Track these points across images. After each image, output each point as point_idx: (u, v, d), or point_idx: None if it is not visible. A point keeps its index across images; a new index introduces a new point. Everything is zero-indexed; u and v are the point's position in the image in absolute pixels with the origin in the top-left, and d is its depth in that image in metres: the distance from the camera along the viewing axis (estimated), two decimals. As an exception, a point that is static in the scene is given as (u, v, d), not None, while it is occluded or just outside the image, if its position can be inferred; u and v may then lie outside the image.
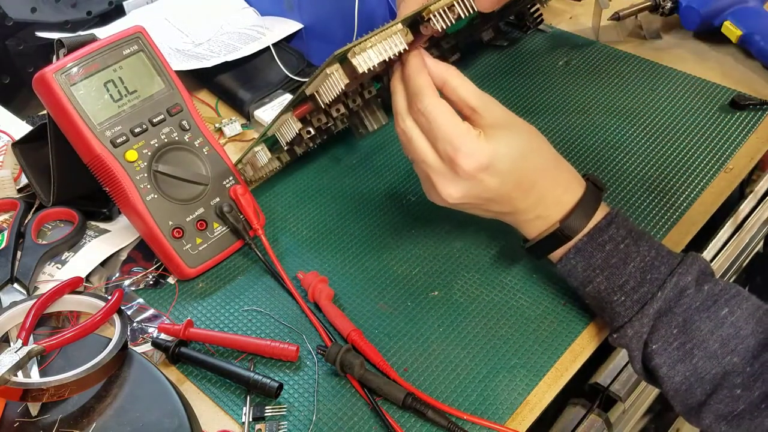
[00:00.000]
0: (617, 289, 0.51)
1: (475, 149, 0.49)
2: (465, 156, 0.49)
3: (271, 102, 0.78)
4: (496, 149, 0.50)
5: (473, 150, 0.49)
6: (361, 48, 0.49)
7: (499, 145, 0.50)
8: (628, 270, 0.51)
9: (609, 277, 0.51)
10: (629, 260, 0.51)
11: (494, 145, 0.50)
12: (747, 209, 0.73)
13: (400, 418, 0.51)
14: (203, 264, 0.62)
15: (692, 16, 0.85)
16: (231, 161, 0.65)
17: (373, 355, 0.54)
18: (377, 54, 0.49)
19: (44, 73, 0.57)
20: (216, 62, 0.80)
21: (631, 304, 0.50)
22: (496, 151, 0.50)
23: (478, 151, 0.49)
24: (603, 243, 0.51)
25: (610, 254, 0.51)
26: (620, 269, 0.51)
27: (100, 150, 0.58)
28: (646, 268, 0.51)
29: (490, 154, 0.49)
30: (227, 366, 0.54)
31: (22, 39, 0.84)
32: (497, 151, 0.50)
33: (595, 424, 0.61)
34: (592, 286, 0.52)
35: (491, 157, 0.49)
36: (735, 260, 0.72)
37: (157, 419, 0.49)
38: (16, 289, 0.59)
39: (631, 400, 0.64)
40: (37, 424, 0.49)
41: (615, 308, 0.51)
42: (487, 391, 0.52)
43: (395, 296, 0.60)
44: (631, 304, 0.50)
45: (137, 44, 0.61)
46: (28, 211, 0.67)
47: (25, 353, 0.49)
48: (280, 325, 0.58)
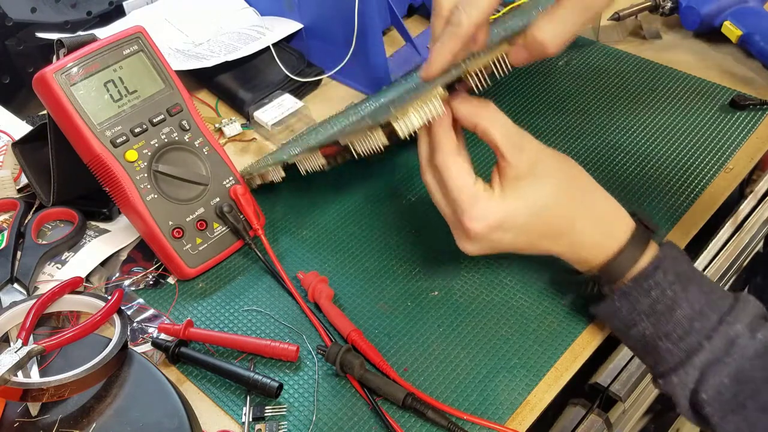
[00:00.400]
0: (663, 337, 0.48)
1: (483, 211, 0.48)
2: (472, 219, 0.49)
3: (271, 102, 0.78)
4: (509, 207, 0.48)
5: (481, 212, 0.48)
6: (403, 113, 0.48)
7: (516, 201, 0.49)
8: (675, 317, 0.48)
9: (655, 323, 0.48)
10: (676, 307, 0.48)
11: (509, 202, 0.48)
12: (747, 209, 0.73)
13: (400, 418, 0.51)
14: (203, 264, 0.62)
15: (692, 16, 0.85)
16: (231, 161, 0.65)
17: (373, 355, 0.54)
18: (418, 118, 0.48)
19: (44, 73, 0.57)
20: (216, 62, 0.80)
21: (677, 353, 0.48)
22: (508, 209, 0.48)
23: (487, 211, 0.48)
24: (648, 288, 0.49)
25: (656, 300, 0.48)
26: (666, 316, 0.48)
27: (100, 150, 0.58)
28: (695, 316, 0.48)
29: (501, 215, 0.48)
30: (227, 366, 0.54)
31: (22, 39, 0.84)
32: (510, 208, 0.48)
33: (595, 424, 0.61)
34: (636, 330, 0.50)
35: (502, 217, 0.48)
36: (735, 260, 0.72)
37: (157, 419, 0.49)
38: (16, 289, 0.59)
39: (631, 400, 0.64)
40: (37, 424, 0.49)
41: (660, 354, 0.49)
42: (487, 391, 0.52)
43: (395, 296, 0.60)
44: (678, 353, 0.48)
45: (137, 44, 0.61)
46: (28, 211, 0.67)
47: (25, 353, 0.49)
48: (280, 325, 0.58)
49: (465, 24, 0.47)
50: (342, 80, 0.85)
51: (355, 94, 0.83)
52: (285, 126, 0.77)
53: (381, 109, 0.51)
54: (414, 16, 0.95)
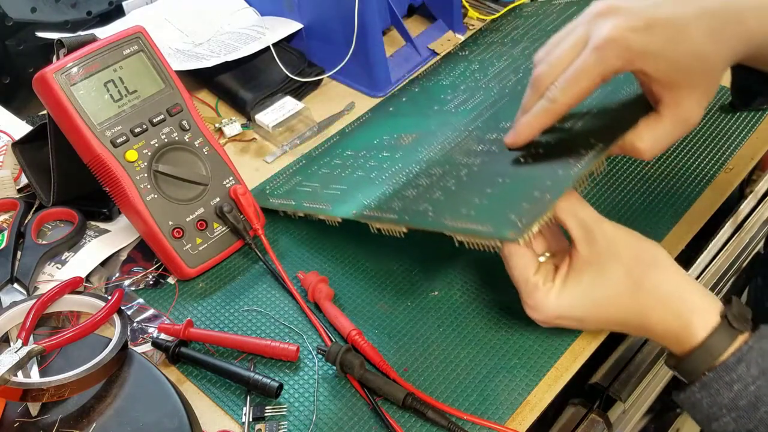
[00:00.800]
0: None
1: (540, 305, 0.49)
2: (530, 308, 0.50)
3: (273, 105, 0.78)
4: (565, 303, 0.49)
5: (538, 305, 0.50)
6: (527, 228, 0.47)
7: (574, 295, 0.49)
8: (759, 415, 0.45)
9: (737, 419, 0.46)
10: (760, 404, 0.45)
11: (566, 297, 0.49)
12: (747, 209, 0.73)
13: (400, 418, 0.51)
14: (203, 264, 0.62)
15: (692, 16, 0.84)
16: (231, 161, 0.65)
17: (373, 355, 0.54)
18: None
19: (44, 73, 0.57)
20: (216, 62, 0.80)
21: None
22: (563, 305, 0.49)
23: (544, 306, 0.49)
24: (731, 382, 0.45)
25: (738, 395, 0.45)
26: (750, 413, 0.45)
27: (100, 150, 0.58)
28: None
29: (557, 311, 0.49)
30: (227, 366, 0.54)
31: (22, 39, 0.84)
32: (566, 304, 0.49)
33: (595, 424, 0.61)
34: (717, 424, 0.47)
35: (559, 312, 0.49)
36: (735, 260, 0.72)
37: (157, 419, 0.49)
38: (16, 289, 0.59)
39: (631, 400, 0.64)
40: (37, 424, 0.49)
41: None
42: (487, 391, 0.52)
43: (395, 296, 0.60)
44: None
45: (137, 44, 0.61)
46: (28, 211, 0.67)
47: (25, 353, 0.49)
48: (280, 325, 0.58)
49: (560, 102, 0.48)
50: (342, 80, 0.85)
51: (355, 94, 0.83)
52: (286, 127, 0.77)
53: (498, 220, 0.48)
54: (414, 16, 0.95)
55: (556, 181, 0.48)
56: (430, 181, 0.56)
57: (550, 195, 0.47)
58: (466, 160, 0.57)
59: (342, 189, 0.62)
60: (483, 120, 0.63)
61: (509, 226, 0.46)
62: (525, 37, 0.80)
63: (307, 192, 0.65)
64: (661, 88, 0.47)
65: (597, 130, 0.52)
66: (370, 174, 0.62)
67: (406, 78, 0.84)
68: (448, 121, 0.66)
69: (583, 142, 0.51)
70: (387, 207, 0.55)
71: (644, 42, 0.45)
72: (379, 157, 0.65)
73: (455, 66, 0.80)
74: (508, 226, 0.46)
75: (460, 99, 0.70)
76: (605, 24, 0.45)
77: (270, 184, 0.70)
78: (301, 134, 0.77)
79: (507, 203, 0.48)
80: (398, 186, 0.57)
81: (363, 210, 0.56)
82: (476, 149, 0.58)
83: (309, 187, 0.65)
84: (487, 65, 0.76)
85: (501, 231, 0.46)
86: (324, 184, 0.65)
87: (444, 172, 0.56)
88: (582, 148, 0.50)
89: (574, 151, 0.50)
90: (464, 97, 0.70)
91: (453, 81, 0.76)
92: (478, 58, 0.79)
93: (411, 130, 0.68)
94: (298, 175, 0.69)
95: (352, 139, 0.72)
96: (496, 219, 0.47)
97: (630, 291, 0.48)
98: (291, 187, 0.67)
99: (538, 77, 0.49)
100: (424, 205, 0.53)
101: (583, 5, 0.81)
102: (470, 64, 0.79)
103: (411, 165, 0.60)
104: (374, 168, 0.63)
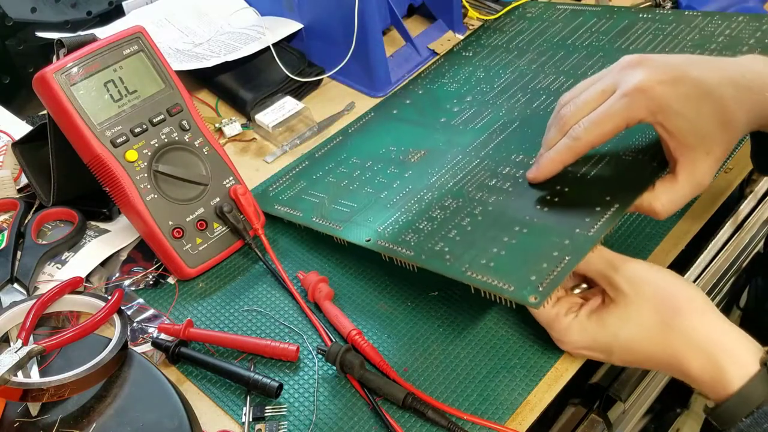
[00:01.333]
0: None
1: (563, 336, 0.51)
2: (556, 340, 0.52)
3: (273, 105, 0.78)
4: (588, 337, 0.50)
5: (561, 336, 0.51)
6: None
7: (598, 332, 0.49)
8: None
9: None
10: None
11: (590, 332, 0.50)
12: (747, 209, 0.73)
13: (400, 418, 0.51)
14: (203, 264, 0.62)
15: (692, 16, 0.84)
16: (231, 161, 0.65)
17: (373, 355, 0.54)
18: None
19: (44, 73, 0.57)
20: (216, 62, 0.80)
21: None
22: (586, 339, 0.50)
23: (567, 338, 0.51)
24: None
25: None
26: None
27: (100, 150, 0.58)
28: None
29: (579, 342, 0.50)
30: (227, 366, 0.54)
31: (22, 39, 0.84)
32: (590, 338, 0.50)
33: (595, 424, 0.61)
34: None
35: (582, 344, 0.50)
36: (735, 260, 0.72)
37: (157, 419, 0.49)
38: (16, 289, 0.59)
39: (631, 400, 0.64)
40: (37, 424, 0.49)
41: None
42: (487, 391, 0.52)
43: (395, 296, 0.60)
44: None
45: (137, 44, 0.61)
46: (28, 211, 0.67)
47: (25, 353, 0.49)
48: (280, 325, 0.58)
49: (583, 140, 0.50)
50: (342, 80, 0.85)
51: (355, 94, 0.83)
52: (286, 127, 0.77)
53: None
54: (414, 16, 0.95)
55: (576, 244, 0.49)
56: (444, 215, 0.57)
57: (569, 257, 0.48)
58: (479, 195, 0.58)
59: (352, 207, 0.62)
60: (494, 147, 0.64)
61: (531, 289, 0.47)
62: (531, 47, 0.80)
63: (315, 204, 0.64)
64: (679, 148, 0.49)
65: (613, 184, 0.54)
66: (380, 193, 0.63)
67: (406, 78, 0.84)
68: (457, 141, 0.67)
69: (599, 198, 0.52)
70: (402, 240, 0.56)
71: (670, 96, 0.47)
72: (388, 173, 0.65)
73: (459, 69, 0.80)
74: (530, 289, 0.47)
75: (468, 114, 0.71)
76: (636, 74, 0.48)
77: (273, 185, 0.69)
78: (301, 134, 0.77)
79: (526, 259, 0.49)
80: (411, 215, 0.58)
81: (377, 239, 0.57)
82: (489, 183, 0.59)
83: (316, 198, 0.65)
84: (493, 75, 0.76)
85: (523, 294, 0.47)
86: (332, 197, 0.65)
87: (458, 206, 0.57)
88: (599, 205, 0.52)
89: (590, 206, 0.52)
90: (471, 113, 0.71)
91: (459, 88, 0.76)
92: (483, 63, 0.79)
93: (419, 145, 0.68)
94: (302, 179, 0.69)
95: (357, 143, 0.72)
96: (516, 278, 0.48)
97: (660, 332, 0.48)
98: (296, 193, 0.67)
99: (564, 117, 0.51)
100: (440, 244, 0.54)
101: (589, 16, 0.82)
102: (475, 70, 0.79)
103: (422, 190, 0.61)
104: (383, 186, 0.64)
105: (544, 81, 0.72)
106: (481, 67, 0.79)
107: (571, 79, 0.71)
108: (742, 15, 0.73)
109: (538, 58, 0.77)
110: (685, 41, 0.72)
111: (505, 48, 0.81)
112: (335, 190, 0.65)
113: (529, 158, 0.60)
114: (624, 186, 0.53)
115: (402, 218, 0.58)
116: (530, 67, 0.76)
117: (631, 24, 0.78)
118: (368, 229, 0.59)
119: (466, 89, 0.76)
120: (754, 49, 0.67)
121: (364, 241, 0.57)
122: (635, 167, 0.55)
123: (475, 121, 0.69)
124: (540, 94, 0.70)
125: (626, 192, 0.52)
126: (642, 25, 0.77)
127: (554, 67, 0.74)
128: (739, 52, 0.67)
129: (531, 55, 0.78)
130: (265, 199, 0.67)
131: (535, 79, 0.73)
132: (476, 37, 0.86)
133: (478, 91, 0.75)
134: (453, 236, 0.54)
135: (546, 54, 0.77)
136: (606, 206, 0.51)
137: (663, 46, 0.72)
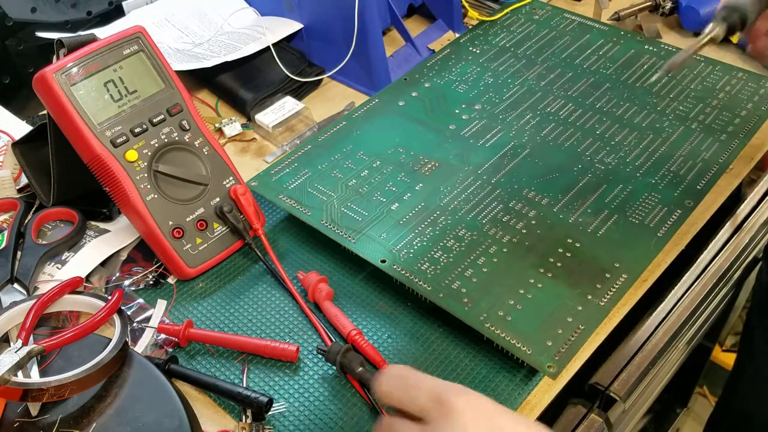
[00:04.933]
0: None
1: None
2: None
3: (273, 105, 0.78)
4: None
5: None
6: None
7: None
8: None
9: None
10: None
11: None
12: (747, 209, 0.73)
13: (400, 418, 0.51)
14: (203, 264, 0.62)
15: (692, 16, 0.85)
16: (231, 161, 0.65)
17: (373, 355, 0.54)
18: None
19: (44, 73, 0.57)
20: (216, 62, 0.80)
21: None
22: None
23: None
24: None
25: None
26: None
27: (100, 150, 0.58)
28: None
29: None
30: (216, 383, 0.53)
31: (22, 39, 0.84)
32: None
33: (595, 424, 0.61)
34: None
35: None
36: (735, 260, 0.72)
37: (157, 419, 0.49)
38: (16, 289, 0.59)
39: (631, 400, 0.64)
40: (37, 424, 0.49)
41: None
42: (487, 391, 0.52)
43: (395, 296, 0.60)
44: None
45: (137, 44, 0.61)
46: (28, 211, 0.67)
47: (25, 353, 0.49)
48: (280, 325, 0.58)
49: None
50: (342, 80, 0.85)
51: (355, 94, 0.83)
52: (286, 127, 0.77)
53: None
54: (414, 16, 0.95)
55: (589, 313, 0.54)
56: (459, 248, 0.59)
57: (583, 326, 0.53)
58: (493, 231, 0.61)
59: (363, 215, 0.62)
60: (505, 174, 0.66)
61: (548, 357, 0.51)
62: (539, 58, 0.81)
63: (322, 202, 0.64)
64: None
65: (621, 249, 0.58)
66: (392, 204, 0.63)
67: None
68: (468, 159, 0.68)
69: (609, 263, 0.57)
70: (417, 269, 0.58)
71: None
72: (398, 180, 0.66)
73: (467, 66, 0.80)
74: (546, 356, 0.51)
75: (477, 126, 0.72)
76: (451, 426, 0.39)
77: (275, 167, 0.68)
78: (301, 134, 0.77)
79: (542, 320, 0.53)
80: (426, 240, 0.60)
81: (392, 263, 0.58)
82: (503, 219, 0.62)
83: (323, 195, 0.65)
84: (501, 85, 0.77)
85: (541, 361, 0.51)
86: (340, 198, 0.64)
87: (472, 240, 0.60)
88: (608, 272, 0.56)
89: (600, 270, 0.56)
90: (481, 125, 0.72)
91: (467, 92, 0.77)
92: (491, 66, 0.80)
93: (429, 153, 0.69)
94: (307, 168, 0.68)
95: (362, 133, 0.72)
96: (534, 341, 0.52)
97: None
98: (300, 183, 0.66)
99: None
100: (457, 282, 0.56)
101: (597, 36, 0.84)
102: (483, 72, 0.79)
103: (435, 211, 0.63)
104: (394, 195, 0.64)
105: (553, 104, 0.74)
106: (489, 71, 0.79)
107: (580, 109, 0.74)
108: (741, 71, 0.77)
109: (547, 75, 0.78)
110: (688, 89, 0.76)
111: (513, 53, 0.82)
112: (343, 189, 0.65)
113: (539, 197, 0.64)
114: (630, 255, 0.58)
115: (417, 242, 0.60)
116: (539, 84, 0.77)
117: (638, 55, 0.80)
118: (382, 248, 0.59)
119: (475, 94, 0.76)
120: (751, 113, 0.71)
121: (379, 261, 0.58)
122: (642, 235, 0.60)
123: (486, 136, 0.71)
124: (550, 120, 0.72)
125: (633, 264, 0.57)
126: (648, 60, 0.80)
127: (563, 90, 0.76)
128: (737, 116, 0.71)
129: (539, 68, 0.79)
130: (267, 184, 0.67)
131: (544, 100, 0.75)
132: (483, 31, 0.86)
133: (486, 99, 0.76)
134: (469, 276, 0.57)
135: (554, 71, 0.79)
136: (615, 274, 0.56)
137: (666, 92, 0.75)
